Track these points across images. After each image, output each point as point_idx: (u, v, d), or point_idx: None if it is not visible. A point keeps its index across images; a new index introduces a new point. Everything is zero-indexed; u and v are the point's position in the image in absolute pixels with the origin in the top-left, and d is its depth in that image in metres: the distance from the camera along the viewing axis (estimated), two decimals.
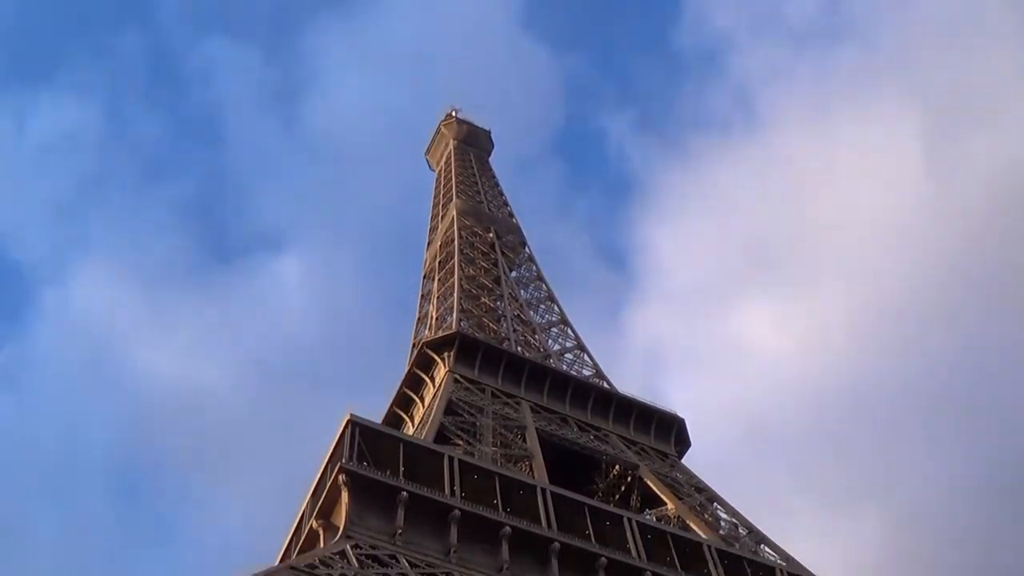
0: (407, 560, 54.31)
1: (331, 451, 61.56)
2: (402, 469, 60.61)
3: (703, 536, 77.66)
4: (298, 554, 57.47)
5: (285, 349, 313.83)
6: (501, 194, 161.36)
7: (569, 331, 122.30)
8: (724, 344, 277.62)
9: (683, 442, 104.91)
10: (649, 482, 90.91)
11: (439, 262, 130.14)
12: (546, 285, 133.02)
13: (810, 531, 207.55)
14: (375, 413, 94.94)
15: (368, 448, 61.01)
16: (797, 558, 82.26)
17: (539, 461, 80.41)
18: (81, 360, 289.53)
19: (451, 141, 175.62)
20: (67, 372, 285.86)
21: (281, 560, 60.41)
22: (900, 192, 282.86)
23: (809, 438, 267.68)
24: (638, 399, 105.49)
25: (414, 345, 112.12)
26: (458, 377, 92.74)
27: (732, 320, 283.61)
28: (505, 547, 59.87)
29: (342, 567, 49.80)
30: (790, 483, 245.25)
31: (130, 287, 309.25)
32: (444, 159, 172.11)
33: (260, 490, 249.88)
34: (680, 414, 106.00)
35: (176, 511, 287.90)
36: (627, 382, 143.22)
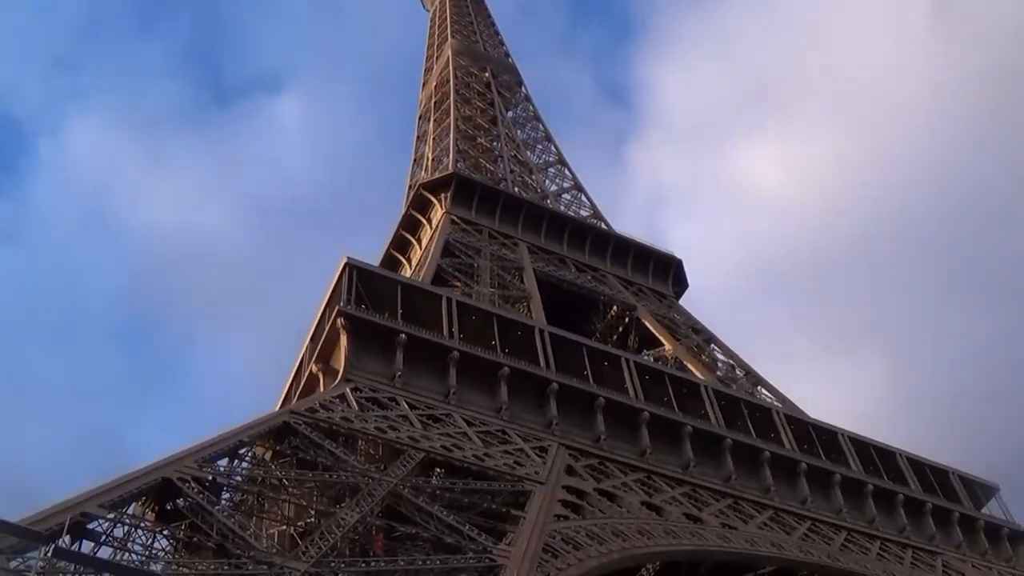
0: (407, 402, 54.93)
1: (329, 295, 61.66)
2: (400, 311, 60.94)
3: (700, 377, 78.58)
4: (298, 398, 57.96)
5: (284, 193, 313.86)
6: (497, 33, 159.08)
7: (566, 171, 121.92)
8: (727, 184, 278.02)
9: (681, 283, 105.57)
10: (646, 323, 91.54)
11: (435, 103, 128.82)
12: (543, 125, 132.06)
13: (812, 376, 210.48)
14: (373, 256, 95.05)
15: (366, 291, 61.18)
16: (797, 402, 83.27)
17: (537, 302, 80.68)
18: (80, 210, 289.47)
19: None
20: (67, 223, 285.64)
21: (282, 405, 60.96)
22: (906, 35, 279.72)
23: (812, 282, 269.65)
24: (635, 239, 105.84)
25: (410, 187, 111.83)
26: (455, 218, 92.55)
27: (735, 160, 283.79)
28: (504, 388, 60.67)
29: (342, 410, 50.30)
30: (792, 327, 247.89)
31: (127, 135, 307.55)
32: None
33: (263, 335, 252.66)
34: (678, 255, 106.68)
35: (179, 357, 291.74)
36: (628, 222, 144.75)
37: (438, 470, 50.13)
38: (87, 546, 35.17)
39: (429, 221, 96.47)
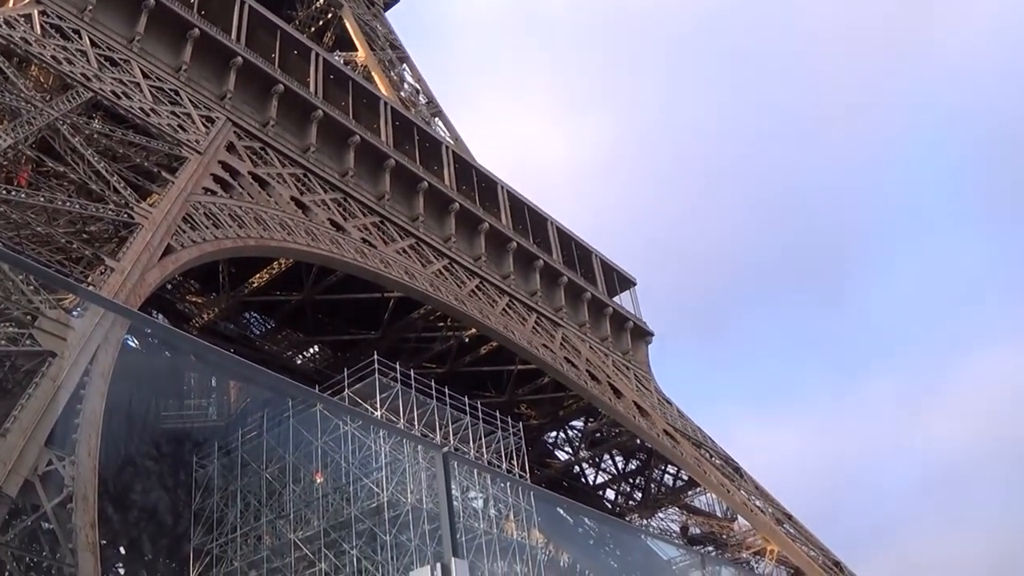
0: (90, 38, 56.38)
1: None
2: None
3: (383, 92, 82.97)
4: None
5: None
6: None
7: None
8: None
9: None
10: (348, 24, 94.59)
11: None
12: None
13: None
14: None
15: None
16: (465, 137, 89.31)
17: None
18: None
19: None
20: None
21: None
22: None
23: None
24: None
25: None
26: None
27: None
28: (189, 49, 62.95)
29: (24, 30, 51.20)
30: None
31: None
32: None
33: None
34: None
35: None
36: None
37: (102, 114, 51.96)
38: None
39: None
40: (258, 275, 69.22)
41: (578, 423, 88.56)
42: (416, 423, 55.23)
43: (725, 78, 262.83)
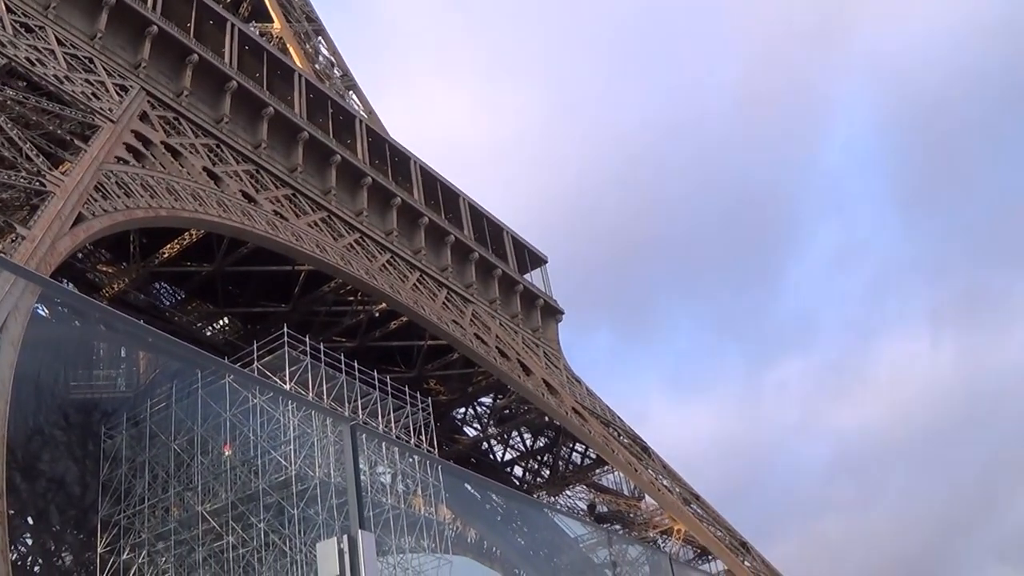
0: (5, 4, 55.41)
1: None
2: None
3: (298, 64, 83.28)
4: None
5: None
6: None
7: None
8: None
9: None
10: None
11: None
12: None
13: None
14: None
15: None
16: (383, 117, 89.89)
17: None
18: None
19: None
20: None
21: None
22: None
23: None
24: None
25: None
26: None
27: None
28: (104, 17, 62.65)
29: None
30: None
31: None
32: None
33: None
34: None
35: None
36: None
37: (19, 83, 51.55)
38: None
39: None
40: (169, 245, 68.85)
41: (487, 399, 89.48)
42: (325, 397, 55.26)
43: (653, 58, 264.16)
